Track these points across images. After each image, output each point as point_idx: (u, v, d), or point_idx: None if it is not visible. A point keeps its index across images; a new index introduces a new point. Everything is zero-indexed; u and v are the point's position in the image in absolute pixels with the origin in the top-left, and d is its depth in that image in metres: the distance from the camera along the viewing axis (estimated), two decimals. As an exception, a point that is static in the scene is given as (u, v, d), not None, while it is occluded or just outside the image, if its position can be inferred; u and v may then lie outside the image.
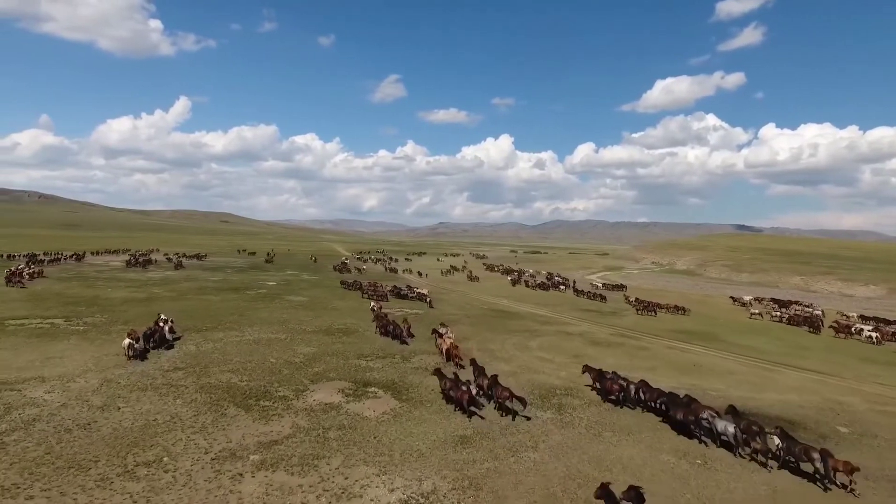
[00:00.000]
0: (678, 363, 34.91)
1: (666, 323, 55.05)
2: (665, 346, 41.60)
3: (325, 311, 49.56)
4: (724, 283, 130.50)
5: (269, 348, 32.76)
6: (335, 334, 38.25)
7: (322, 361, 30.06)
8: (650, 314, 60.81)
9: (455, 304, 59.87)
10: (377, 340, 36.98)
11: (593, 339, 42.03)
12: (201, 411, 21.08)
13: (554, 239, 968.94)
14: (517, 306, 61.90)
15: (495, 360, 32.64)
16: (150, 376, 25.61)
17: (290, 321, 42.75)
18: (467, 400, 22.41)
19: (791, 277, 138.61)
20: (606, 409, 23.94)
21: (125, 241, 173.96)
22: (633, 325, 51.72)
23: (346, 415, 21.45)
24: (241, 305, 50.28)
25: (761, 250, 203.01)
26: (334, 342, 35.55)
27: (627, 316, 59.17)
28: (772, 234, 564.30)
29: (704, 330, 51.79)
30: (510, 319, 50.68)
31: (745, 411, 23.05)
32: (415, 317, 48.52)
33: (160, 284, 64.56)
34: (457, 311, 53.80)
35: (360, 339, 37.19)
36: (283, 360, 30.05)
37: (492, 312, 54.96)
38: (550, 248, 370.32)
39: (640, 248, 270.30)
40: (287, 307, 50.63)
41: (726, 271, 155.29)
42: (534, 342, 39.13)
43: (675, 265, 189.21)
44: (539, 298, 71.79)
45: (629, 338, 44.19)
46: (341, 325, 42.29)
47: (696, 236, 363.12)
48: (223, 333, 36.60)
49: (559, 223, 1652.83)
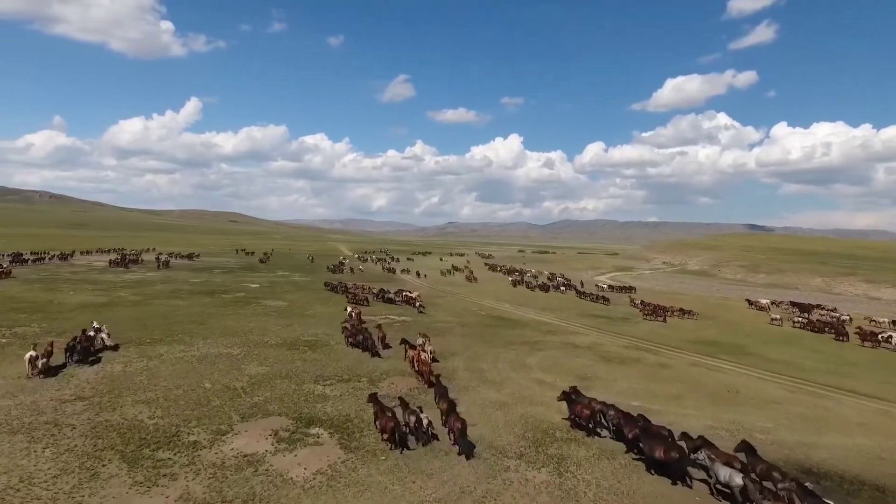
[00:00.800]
0: (709, 388, 28.73)
1: (684, 331, 48.94)
2: (688, 361, 35.50)
3: (301, 318, 43.96)
4: (740, 285, 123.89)
5: (212, 368, 27.16)
6: (299, 348, 32.57)
7: (268, 387, 24.39)
8: (659, 319, 54.90)
9: (449, 310, 54.02)
10: (347, 356, 31.28)
11: (604, 354, 35.97)
12: (68, 469, 15.47)
13: (563, 239, 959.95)
14: (519, 312, 55.97)
15: (484, 383, 26.80)
16: (39, 409, 20.09)
17: (253, 331, 37.19)
18: (390, 430, 18.05)
19: (811, 279, 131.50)
20: (623, 466, 17.90)
21: (130, 240, 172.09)
22: (649, 335, 45.61)
23: (264, 476, 15.68)
24: (208, 312, 44.83)
25: (776, 250, 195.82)
26: (294, 359, 29.88)
27: (641, 323, 53.05)
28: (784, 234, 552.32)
29: (729, 340, 45.67)
30: (509, 328, 44.77)
31: (810, 468, 17.06)
32: (401, 325, 42.90)
33: (131, 287, 59.32)
34: (449, 318, 47.96)
35: (326, 354, 31.50)
36: (222, 384, 24.41)
37: (489, 320, 49.07)
38: (559, 248, 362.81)
39: (650, 248, 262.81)
40: (258, 314, 45.09)
41: (742, 272, 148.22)
42: (533, 358, 33.19)
43: (687, 265, 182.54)
44: (543, 302, 65.80)
45: (646, 351, 38.13)
46: (311, 336, 36.62)
47: (707, 236, 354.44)
48: (167, 348, 31.07)
49: (568, 223, 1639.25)
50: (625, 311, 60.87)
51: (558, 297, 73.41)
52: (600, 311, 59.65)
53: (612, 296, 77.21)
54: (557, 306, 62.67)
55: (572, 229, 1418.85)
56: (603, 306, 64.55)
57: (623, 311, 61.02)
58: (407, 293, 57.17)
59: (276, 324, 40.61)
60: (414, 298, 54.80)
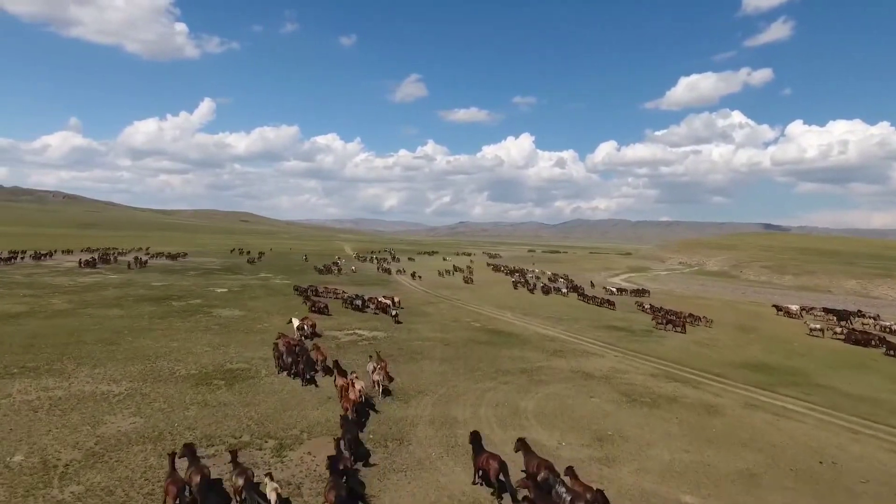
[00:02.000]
0: (790, 455, 19.18)
1: (722, 349, 39.69)
2: (742, 400, 26.22)
3: (245, 334, 35.34)
4: (767, 288, 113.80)
5: (62, 420, 18.66)
6: (213, 383, 23.90)
7: (112, 462, 15.72)
8: (677, 330, 46.06)
9: (436, 320, 45.09)
10: (272, 395, 22.60)
11: (628, 389, 26.71)
12: None
13: (574, 238, 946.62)
14: (520, 322, 46.91)
15: (450, 452, 17.78)
16: None
17: (170, 355, 28.66)
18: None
19: (844, 281, 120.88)
20: None
21: (134, 240, 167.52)
22: (681, 355, 36.41)
23: None
24: (136, 326, 36.42)
25: (798, 250, 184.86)
26: (193, 402, 21.22)
27: (668, 337, 43.82)
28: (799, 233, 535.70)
29: (781, 362, 36.41)
30: (505, 347, 35.75)
31: None
32: (368, 343, 34.12)
33: (72, 292, 51.21)
34: (432, 333, 39.01)
35: (243, 392, 22.78)
36: (43, 456, 15.79)
37: (483, 334, 40.04)
38: (570, 248, 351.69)
39: (664, 248, 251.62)
40: (196, 328, 36.56)
41: (766, 273, 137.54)
42: (531, 399, 24.07)
43: (705, 266, 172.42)
44: (551, 309, 56.64)
45: (682, 383, 28.91)
46: (241, 361, 27.96)
47: (723, 235, 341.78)
48: (30, 381, 22.64)
49: (580, 222, 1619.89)
50: (647, 320, 51.54)
51: (563, 302, 64.34)
52: (619, 322, 50.36)
53: (624, 299, 68.41)
54: (567, 314, 53.54)
55: (584, 229, 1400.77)
56: (622, 315, 55.24)
57: (645, 320, 51.73)
58: (382, 299, 48.31)
59: (208, 343, 32.04)
60: (389, 306, 45.97)
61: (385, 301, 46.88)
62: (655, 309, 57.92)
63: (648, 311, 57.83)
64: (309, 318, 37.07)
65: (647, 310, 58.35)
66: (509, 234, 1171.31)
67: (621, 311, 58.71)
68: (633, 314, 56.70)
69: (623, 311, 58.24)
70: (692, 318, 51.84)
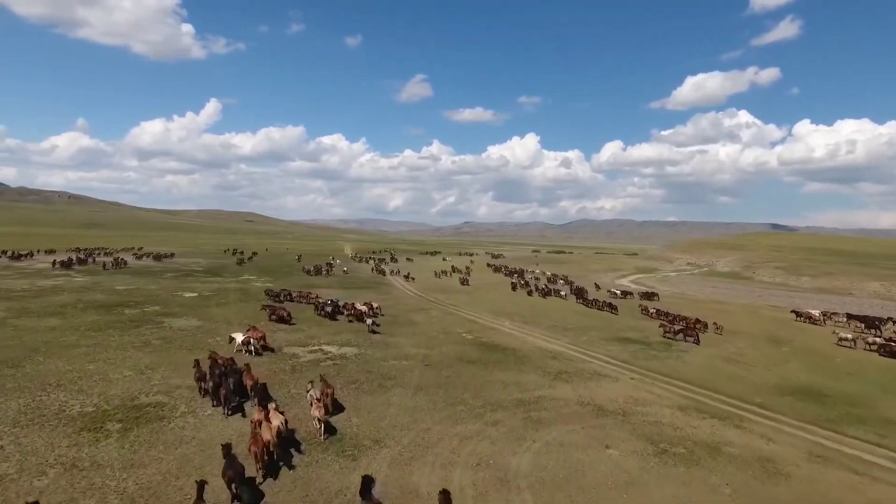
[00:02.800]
0: None
1: (755, 368, 33.50)
2: (805, 448, 19.94)
3: (189, 352, 29.33)
4: (783, 290, 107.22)
5: None
6: (102, 428, 18.00)
7: None
8: (689, 340, 40.26)
9: (422, 331, 39.02)
10: (182, 443, 16.71)
11: (653, 433, 20.42)
12: None
13: (579, 239, 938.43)
14: (519, 332, 40.85)
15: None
16: None
17: (73, 383, 22.77)
18: None
19: (865, 283, 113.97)
20: None
21: (136, 239, 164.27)
22: (708, 376, 30.30)
23: None
24: (60, 340, 30.62)
25: (810, 250, 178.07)
26: (52, 465, 15.28)
27: (690, 351, 37.65)
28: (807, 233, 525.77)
29: (831, 385, 30.22)
30: (499, 367, 29.69)
31: None
32: (334, 364, 28.21)
33: (20, 297, 45.63)
34: (415, 349, 32.98)
35: (141, 443, 16.89)
36: None
37: (473, 350, 33.96)
38: (576, 248, 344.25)
39: (672, 248, 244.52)
40: (127, 345, 30.58)
41: (780, 274, 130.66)
42: (525, 453, 17.94)
43: (715, 266, 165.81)
44: (553, 315, 50.56)
45: (718, 418, 22.74)
46: (163, 392, 22.05)
47: (732, 235, 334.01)
48: None
49: (585, 222, 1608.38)
50: (661, 333, 45.33)
51: (567, 308, 58.22)
52: (631, 332, 44.19)
53: (632, 303, 62.40)
54: (572, 322, 47.45)
55: (589, 229, 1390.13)
56: (633, 324, 49.05)
57: (661, 334, 45.53)
58: (358, 305, 42.34)
59: (134, 365, 26.17)
60: (363, 312, 39.96)
61: (361, 308, 40.91)
62: (661, 313, 53.09)
63: (654, 315, 53.34)
64: (257, 330, 31.07)
65: (653, 315, 53.62)
66: (514, 234, 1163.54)
67: (632, 317, 52.71)
68: (646, 321, 50.68)
69: (634, 318, 52.26)
70: (700, 324, 46.21)
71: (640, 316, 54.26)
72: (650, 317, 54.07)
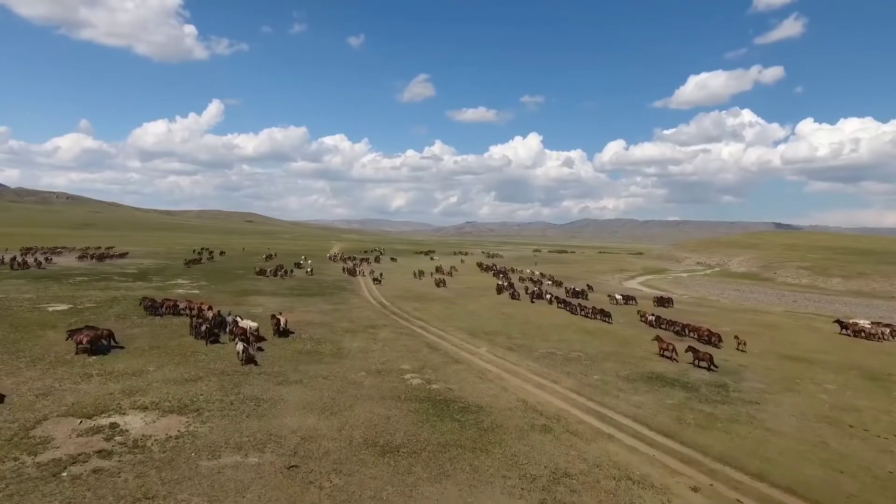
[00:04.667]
0: None
1: (889, 442, 20.25)
2: None
3: None
4: (814, 293, 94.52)
5: None
6: None
7: None
8: (702, 365, 27.78)
9: (337, 372, 26.15)
10: None
11: None
12: None
13: (582, 238, 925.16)
14: (496, 369, 27.72)
15: None
16: None
17: None
18: None
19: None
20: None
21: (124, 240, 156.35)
22: (819, 472, 17.12)
23: None
24: None
25: (829, 249, 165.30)
26: None
27: (765, 402, 24.34)
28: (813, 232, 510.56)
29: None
30: (436, 468, 16.35)
31: None
32: (100, 476, 14.73)
33: None
34: (299, 416, 20.10)
35: None
36: None
37: (408, 415, 20.82)
38: (579, 248, 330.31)
39: (679, 247, 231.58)
40: None
41: (807, 275, 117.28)
42: None
43: (728, 266, 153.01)
44: (549, 333, 38.35)
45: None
46: None
47: (739, 234, 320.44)
48: None
49: (588, 222, 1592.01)
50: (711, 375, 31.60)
51: (565, 321, 45.13)
52: (661, 363, 30.88)
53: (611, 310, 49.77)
54: (579, 346, 34.72)
55: (592, 228, 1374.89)
56: (665, 356, 35.36)
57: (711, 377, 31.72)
58: (242, 323, 29.14)
59: None
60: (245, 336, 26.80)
61: (242, 326, 27.67)
62: (663, 321, 43.55)
63: (653, 324, 44.27)
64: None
65: (652, 322, 44.47)
66: (517, 233, 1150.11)
67: (646, 331, 39.86)
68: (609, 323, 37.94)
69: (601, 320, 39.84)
70: (711, 336, 33.49)
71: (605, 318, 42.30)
72: (648, 324, 44.29)
